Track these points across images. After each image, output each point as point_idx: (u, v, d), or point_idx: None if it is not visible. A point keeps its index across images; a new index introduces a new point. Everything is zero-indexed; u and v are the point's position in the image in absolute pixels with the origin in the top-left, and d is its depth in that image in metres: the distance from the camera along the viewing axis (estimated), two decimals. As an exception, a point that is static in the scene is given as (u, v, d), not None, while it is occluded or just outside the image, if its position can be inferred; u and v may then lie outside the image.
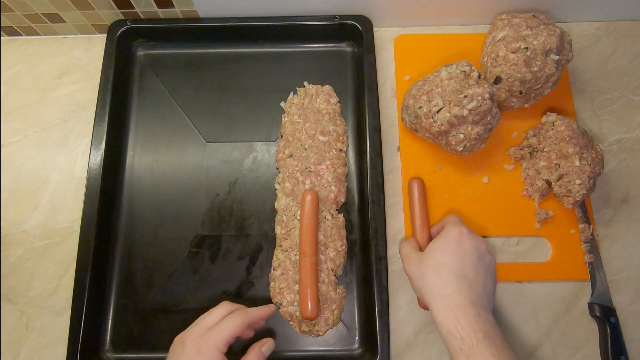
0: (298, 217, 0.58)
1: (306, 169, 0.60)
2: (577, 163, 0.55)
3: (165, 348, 0.56)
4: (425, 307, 0.54)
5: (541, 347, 0.56)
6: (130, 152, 0.64)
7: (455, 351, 0.44)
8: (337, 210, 0.60)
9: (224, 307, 0.50)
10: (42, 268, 0.59)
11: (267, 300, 0.57)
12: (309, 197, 0.56)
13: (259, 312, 0.51)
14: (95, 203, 0.59)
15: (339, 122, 0.63)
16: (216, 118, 0.65)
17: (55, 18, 0.66)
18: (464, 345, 0.43)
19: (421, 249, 0.53)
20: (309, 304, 0.53)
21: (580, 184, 0.54)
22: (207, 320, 0.49)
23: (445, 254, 0.48)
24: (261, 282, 0.59)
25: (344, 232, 0.59)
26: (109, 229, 0.60)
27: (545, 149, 0.59)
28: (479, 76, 0.55)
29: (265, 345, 0.51)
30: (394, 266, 0.59)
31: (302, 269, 0.54)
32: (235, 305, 0.51)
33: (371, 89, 0.63)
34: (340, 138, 0.62)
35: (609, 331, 0.55)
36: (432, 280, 0.47)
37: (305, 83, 0.66)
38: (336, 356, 0.56)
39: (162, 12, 0.66)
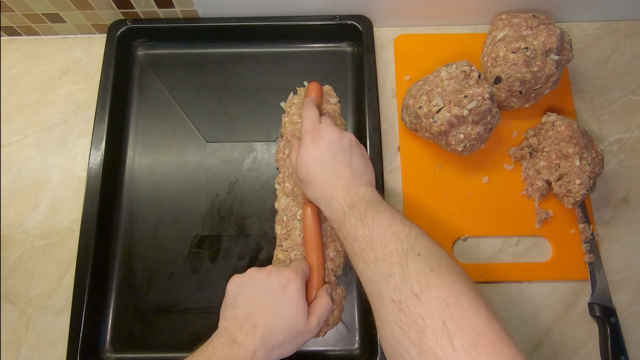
0: (298, 217, 0.58)
1: (306, 169, 0.60)
2: (577, 163, 0.55)
3: (166, 348, 0.57)
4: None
5: (541, 347, 0.56)
6: (130, 152, 0.64)
7: (336, 230, 0.48)
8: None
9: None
10: (42, 268, 0.59)
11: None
12: (308, 210, 0.55)
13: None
14: (95, 203, 0.59)
15: (339, 122, 0.63)
16: (216, 118, 0.65)
17: (55, 18, 0.66)
18: (337, 222, 0.47)
19: None
20: None
21: (580, 184, 0.54)
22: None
23: (308, 165, 0.50)
24: (261, 282, 0.59)
25: (344, 232, 0.59)
26: (109, 229, 0.60)
27: (545, 149, 0.59)
28: (479, 76, 0.55)
29: (331, 288, 0.53)
30: (394, 266, 0.58)
31: (308, 282, 0.53)
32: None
33: (371, 89, 0.63)
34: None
35: (609, 331, 0.55)
36: (311, 190, 0.50)
37: (305, 83, 0.66)
38: (336, 356, 0.56)
39: (162, 12, 0.66)
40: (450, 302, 0.36)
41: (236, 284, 0.49)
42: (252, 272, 0.49)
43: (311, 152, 0.50)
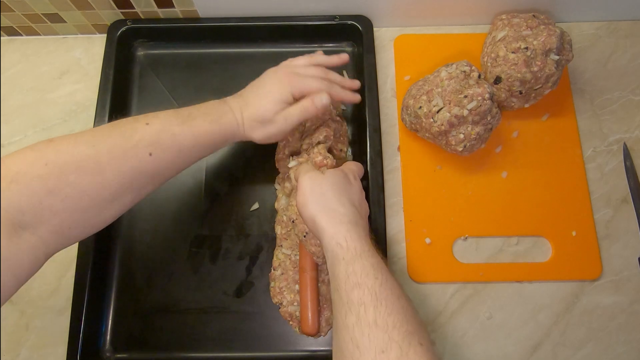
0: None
1: (306, 169, 0.60)
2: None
3: (166, 348, 0.57)
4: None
5: (541, 347, 0.56)
6: (130, 152, 0.64)
7: (338, 260, 0.43)
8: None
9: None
10: (42, 268, 0.59)
11: (268, 300, 0.57)
12: None
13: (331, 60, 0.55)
14: (95, 203, 0.59)
15: (339, 122, 0.63)
16: (216, 118, 0.65)
17: (55, 18, 0.66)
18: (348, 254, 0.42)
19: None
20: (310, 320, 0.52)
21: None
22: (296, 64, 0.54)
23: (341, 182, 0.49)
24: (261, 282, 0.59)
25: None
26: (109, 229, 0.59)
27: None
28: (479, 76, 0.55)
29: (318, 97, 0.51)
30: (394, 266, 0.59)
31: (302, 285, 0.54)
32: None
33: (371, 89, 0.63)
34: (341, 138, 0.62)
35: None
36: (331, 198, 0.47)
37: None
38: (336, 356, 0.56)
39: (162, 12, 0.66)
40: None
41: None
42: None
43: (344, 178, 0.49)
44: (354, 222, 0.45)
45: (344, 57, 0.56)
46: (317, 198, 0.47)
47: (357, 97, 0.56)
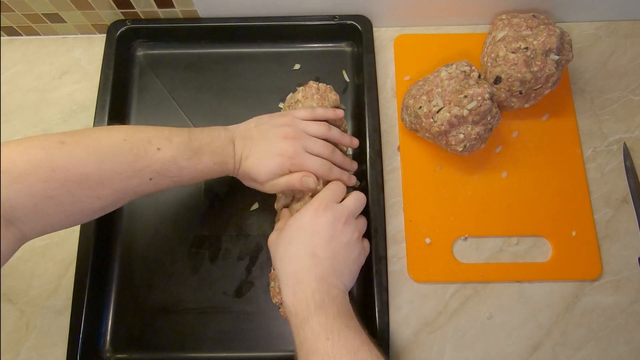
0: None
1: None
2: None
3: (166, 348, 0.57)
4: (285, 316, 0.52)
5: (541, 347, 0.56)
6: (130, 152, 0.64)
7: (292, 327, 0.42)
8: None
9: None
10: (42, 268, 0.59)
11: (267, 300, 0.57)
12: None
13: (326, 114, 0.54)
14: (95, 203, 0.59)
15: (339, 122, 0.63)
16: (216, 118, 0.65)
17: (55, 18, 0.66)
18: (297, 319, 0.41)
19: None
20: None
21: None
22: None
23: (297, 230, 0.46)
24: (261, 282, 0.59)
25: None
26: (109, 229, 0.60)
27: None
28: (479, 76, 0.55)
29: (306, 179, 0.49)
30: (394, 266, 0.59)
31: None
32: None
33: (371, 89, 0.63)
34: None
35: None
36: (282, 258, 0.46)
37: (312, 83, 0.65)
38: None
39: (162, 12, 0.66)
40: None
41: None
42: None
43: (309, 217, 0.46)
44: (302, 282, 0.43)
45: (355, 142, 0.56)
46: (274, 261, 0.47)
47: (353, 180, 0.56)
